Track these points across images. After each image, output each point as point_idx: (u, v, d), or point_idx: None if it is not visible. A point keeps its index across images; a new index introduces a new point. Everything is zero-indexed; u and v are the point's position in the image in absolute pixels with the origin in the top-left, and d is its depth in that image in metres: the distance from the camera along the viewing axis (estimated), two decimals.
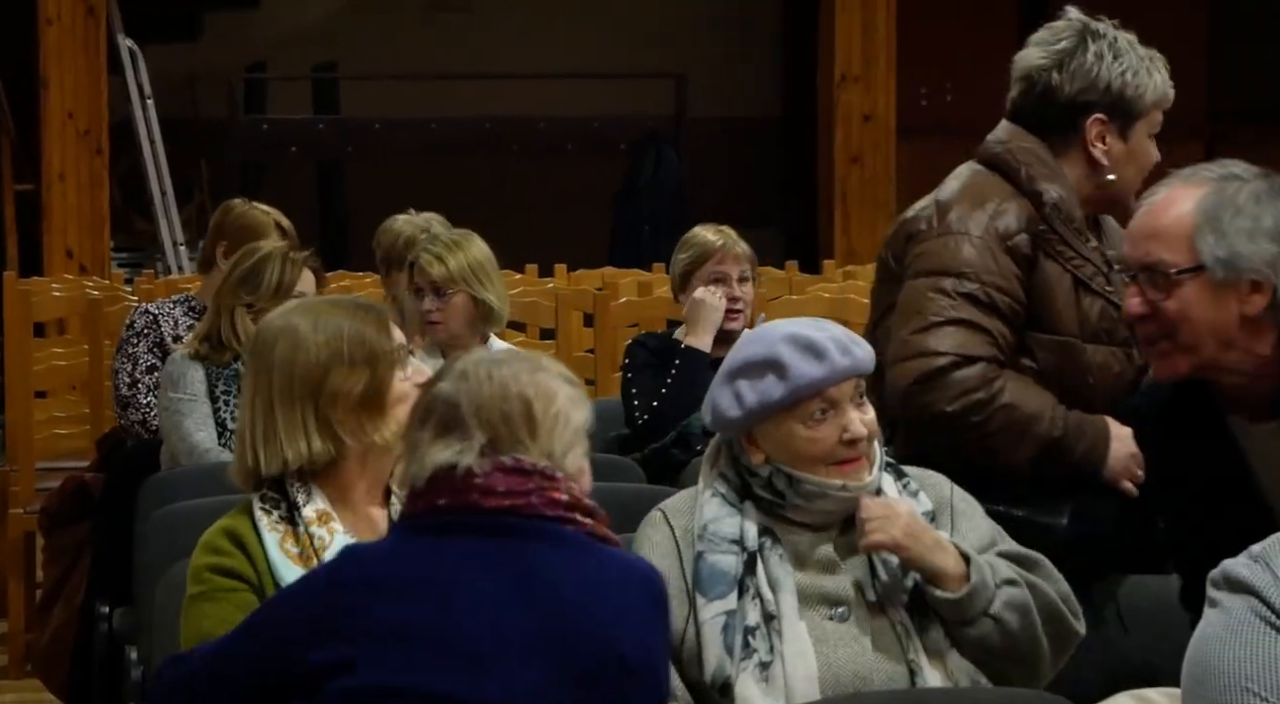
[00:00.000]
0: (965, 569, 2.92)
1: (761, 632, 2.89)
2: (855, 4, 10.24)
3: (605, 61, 13.26)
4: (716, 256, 5.30)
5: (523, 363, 2.61)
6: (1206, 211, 2.85)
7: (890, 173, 10.37)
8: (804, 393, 2.94)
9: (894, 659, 2.91)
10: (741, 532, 2.95)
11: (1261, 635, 2.55)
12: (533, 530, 2.52)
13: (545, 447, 2.56)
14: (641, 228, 12.44)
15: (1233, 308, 2.84)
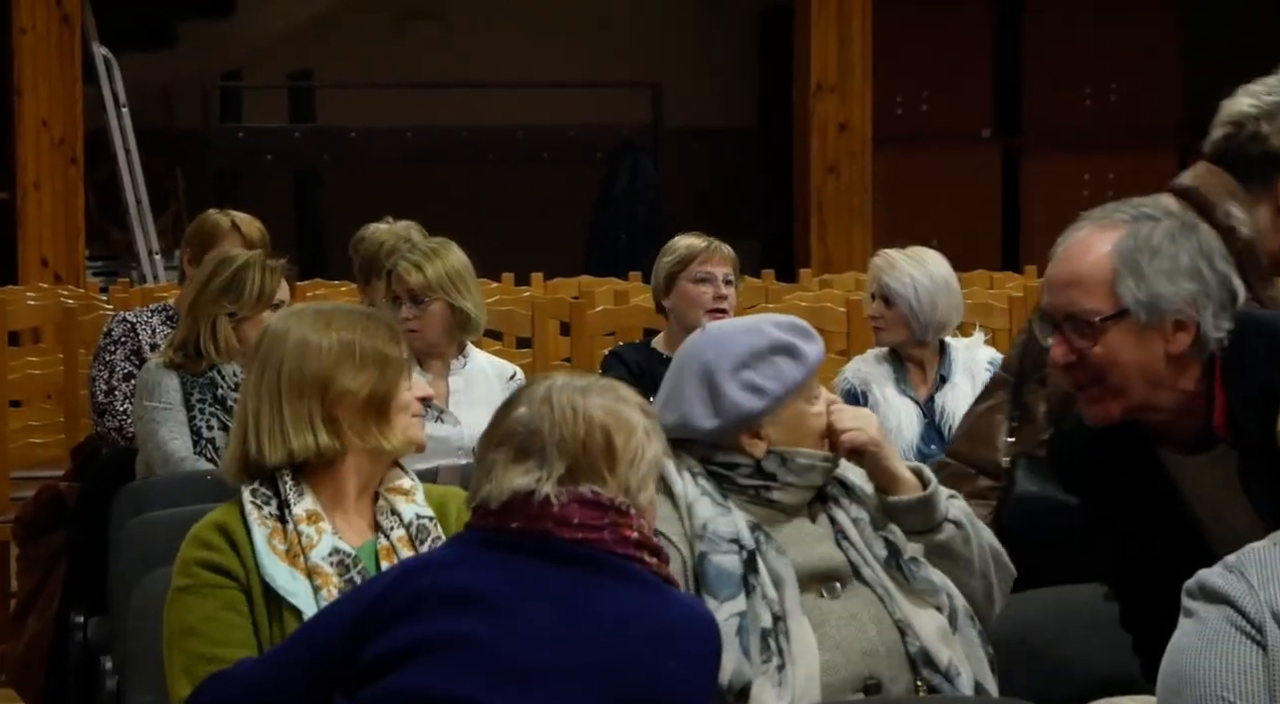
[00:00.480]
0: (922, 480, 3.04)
1: (773, 634, 2.89)
2: (831, 14, 10.26)
3: (581, 70, 13.27)
4: (701, 257, 5.36)
5: (604, 392, 2.61)
6: (1124, 255, 2.84)
7: (866, 182, 10.39)
8: (813, 371, 3.03)
9: (886, 625, 2.96)
10: (737, 529, 2.96)
11: (1237, 645, 2.56)
12: (601, 563, 2.53)
13: (623, 481, 2.57)
14: (618, 236, 12.45)
15: (1159, 348, 2.85)
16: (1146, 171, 12.97)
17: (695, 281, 5.36)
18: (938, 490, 3.04)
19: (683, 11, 13.53)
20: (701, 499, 2.98)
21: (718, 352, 3.02)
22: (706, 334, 3.10)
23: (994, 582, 3.08)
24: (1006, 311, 7.28)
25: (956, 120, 12.73)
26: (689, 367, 3.04)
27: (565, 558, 2.52)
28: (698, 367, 3.03)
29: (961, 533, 3.04)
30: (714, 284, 5.35)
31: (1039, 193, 12.79)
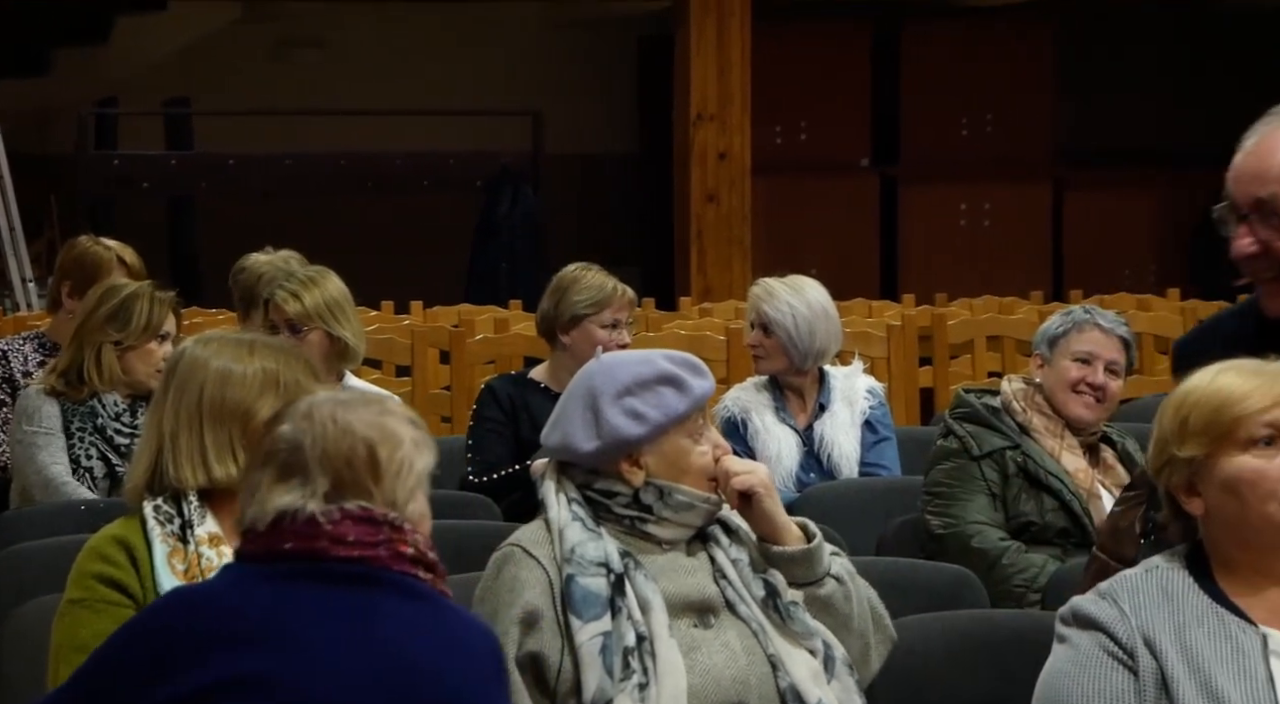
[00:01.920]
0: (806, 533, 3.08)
1: (637, 653, 2.92)
2: (710, 43, 10.31)
3: (461, 98, 13.24)
4: (616, 305, 5.30)
5: (368, 406, 2.57)
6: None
7: (746, 211, 10.43)
8: (697, 406, 3.05)
9: (758, 658, 2.98)
10: (606, 554, 2.98)
11: (1110, 670, 2.60)
12: (379, 580, 2.50)
13: (389, 494, 2.53)
14: (498, 265, 12.42)
15: None
16: (1022, 201, 13.13)
17: (605, 327, 5.31)
18: (822, 545, 3.07)
19: (562, 39, 13.55)
20: (573, 524, 3.01)
21: (605, 377, 3.06)
22: (600, 361, 3.14)
23: (871, 642, 3.10)
24: (884, 340, 7.33)
25: (835, 150, 12.82)
26: (577, 390, 3.09)
27: (342, 578, 2.48)
28: (584, 390, 3.08)
29: (843, 589, 3.07)
30: (620, 330, 5.33)
31: (916, 222, 12.90)
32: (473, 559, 4.11)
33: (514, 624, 2.95)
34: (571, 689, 2.93)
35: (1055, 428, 4.57)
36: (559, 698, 2.94)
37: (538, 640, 2.95)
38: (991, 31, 12.97)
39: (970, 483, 4.49)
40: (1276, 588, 2.63)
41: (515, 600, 2.97)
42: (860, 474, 5.23)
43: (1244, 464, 2.62)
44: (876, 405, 5.36)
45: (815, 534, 3.08)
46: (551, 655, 2.94)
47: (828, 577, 3.06)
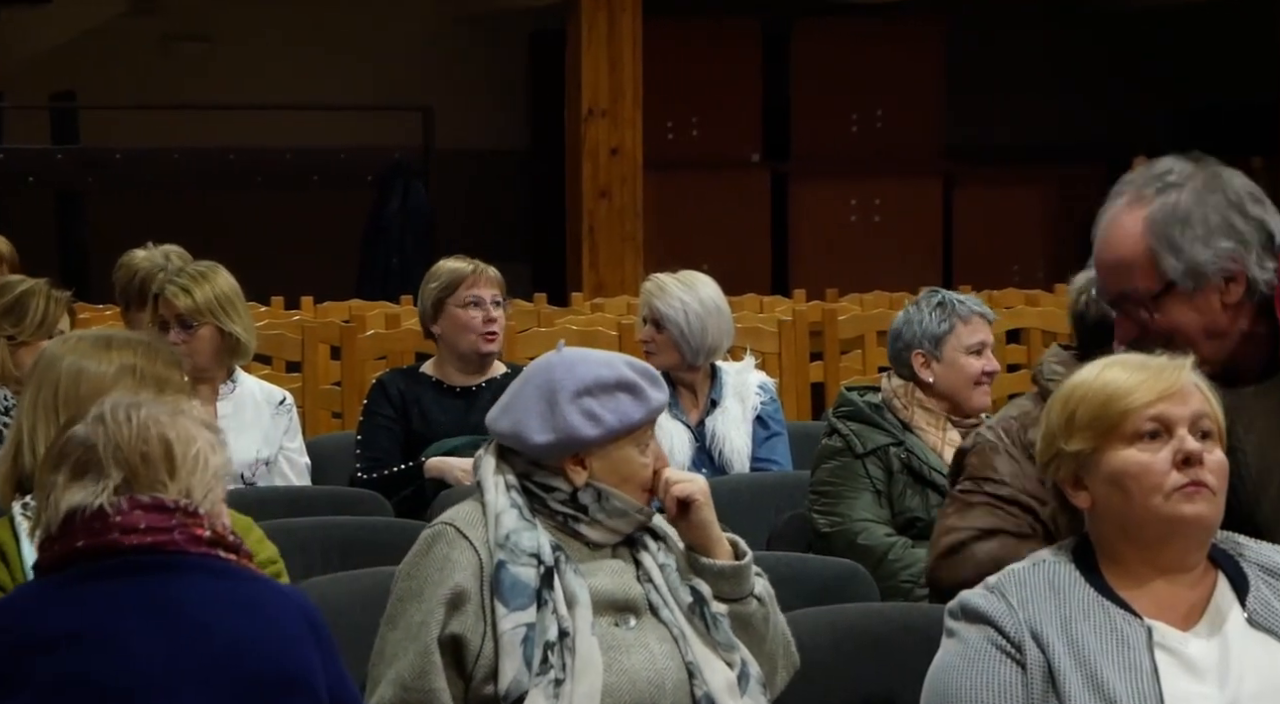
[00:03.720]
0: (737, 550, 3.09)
1: (557, 648, 2.92)
2: (601, 39, 10.30)
3: (351, 93, 13.17)
4: (469, 281, 5.32)
5: (162, 406, 2.59)
6: (1157, 232, 2.88)
7: (638, 206, 10.44)
8: (653, 416, 3.06)
9: (676, 663, 2.99)
10: (539, 546, 2.98)
11: (998, 664, 2.62)
12: (179, 565, 2.50)
13: (184, 486, 2.53)
14: (389, 260, 12.36)
15: (1215, 304, 2.89)
16: (912, 197, 13.21)
17: (464, 306, 5.32)
18: (752, 563, 3.08)
19: (453, 35, 13.49)
20: (510, 511, 3.00)
21: (567, 373, 3.05)
22: (562, 355, 3.11)
23: (779, 666, 3.12)
24: (776, 335, 7.35)
25: (726, 146, 12.84)
26: (535, 380, 3.07)
27: (141, 568, 2.48)
28: (543, 381, 3.06)
29: (763, 610, 3.08)
30: (483, 307, 5.32)
31: (807, 218, 12.95)
32: (363, 556, 4.10)
33: (440, 604, 2.94)
34: (489, 675, 2.93)
35: (937, 422, 4.60)
36: (475, 682, 2.94)
37: (461, 623, 2.95)
38: (882, 29, 13.04)
39: (855, 481, 4.51)
40: (1161, 581, 2.66)
41: (444, 580, 2.96)
42: (751, 469, 5.25)
43: (1129, 458, 2.64)
44: (768, 401, 5.37)
45: (746, 552, 3.09)
46: (473, 639, 2.94)
47: (752, 595, 3.07)
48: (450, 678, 2.93)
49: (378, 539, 4.26)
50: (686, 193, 12.51)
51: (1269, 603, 2.66)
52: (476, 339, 5.30)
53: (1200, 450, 2.64)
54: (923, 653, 2.74)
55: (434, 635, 2.92)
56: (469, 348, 5.32)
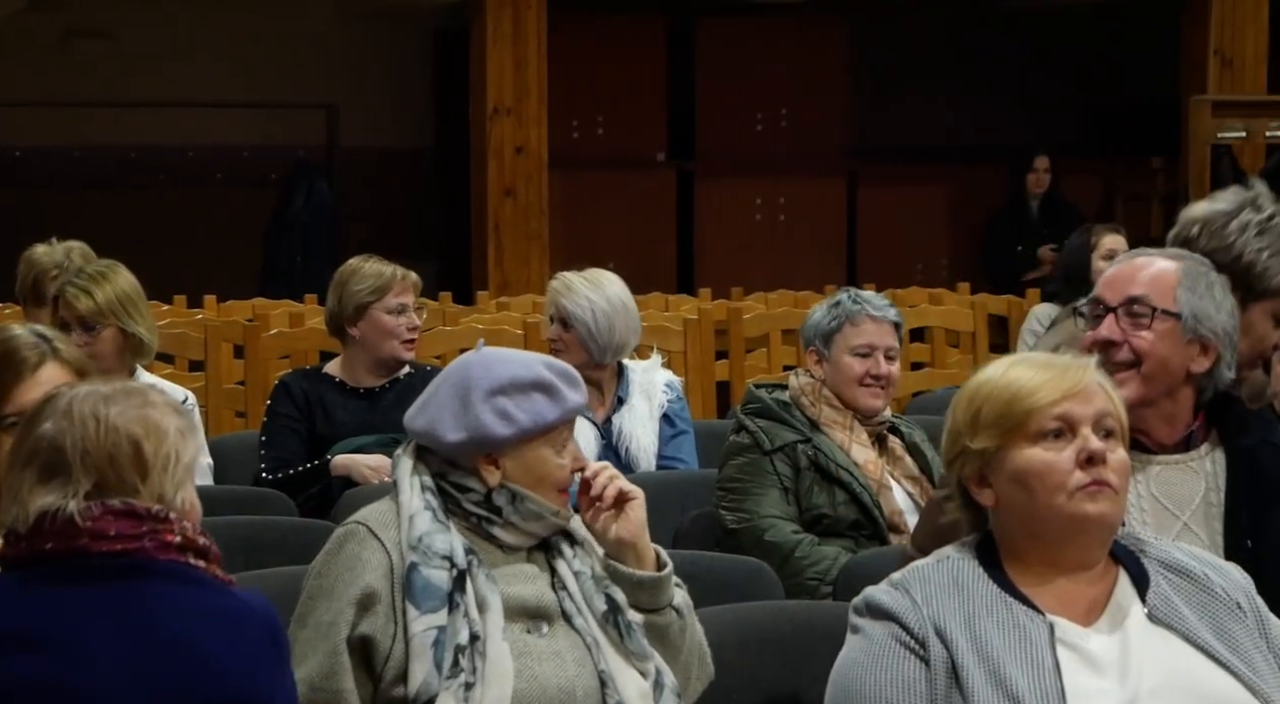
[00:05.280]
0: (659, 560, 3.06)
1: (468, 652, 2.90)
2: (506, 38, 10.28)
3: (255, 91, 13.08)
4: (397, 288, 5.30)
5: (129, 398, 2.54)
6: (1188, 273, 3.21)
7: (543, 205, 10.42)
8: (569, 417, 3.05)
9: (588, 670, 2.98)
10: (452, 548, 2.96)
11: (901, 660, 2.63)
12: (147, 571, 2.47)
13: (156, 488, 2.51)
14: (293, 259, 12.29)
15: (1185, 360, 3.18)
16: (817, 196, 13.24)
17: (390, 312, 5.30)
18: (670, 575, 3.07)
19: (357, 33, 13.42)
20: (423, 513, 2.99)
21: (483, 372, 3.04)
22: (481, 354, 3.11)
23: (693, 676, 3.11)
24: (681, 334, 7.37)
25: (631, 144, 12.84)
26: (451, 378, 3.07)
27: (108, 573, 2.46)
28: (458, 380, 3.05)
29: (680, 622, 3.06)
30: (407, 314, 5.32)
31: (712, 216, 12.97)
32: (268, 555, 4.08)
33: (350, 604, 2.93)
34: (398, 676, 2.91)
35: (844, 420, 4.62)
36: (385, 684, 2.92)
37: (371, 624, 2.93)
38: (786, 28, 13.07)
39: (763, 478, 4.52)
40: (1064, 578, 2.68)
41: (354, 580, 2.94)
42: (657, 467, 5.25)
43: (1033, 456, 2.66)
44: (674, 399, 5.38)
45: (667, 563, 3.07)
46: (383, 640, 2.92)
47: (670, 607, 3.05)
48: (359, 679, 2.92)
49: (282, 539, 4.24)
50: (592, 191, 12.50)
51: (1169, 599, 2.68)
52: (399, 346, 5.30)
53: (1103, 450, 2.67)
54: (828, 650, 2.75)
55: (343, 635, 2.91)
56: (389, 354, 5.31)
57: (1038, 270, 10.36)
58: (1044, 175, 10.84)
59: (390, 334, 5.28)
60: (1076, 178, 11.99)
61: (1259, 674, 2.64)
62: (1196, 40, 10.87)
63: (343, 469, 5.11)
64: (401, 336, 5.29)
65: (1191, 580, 2.72)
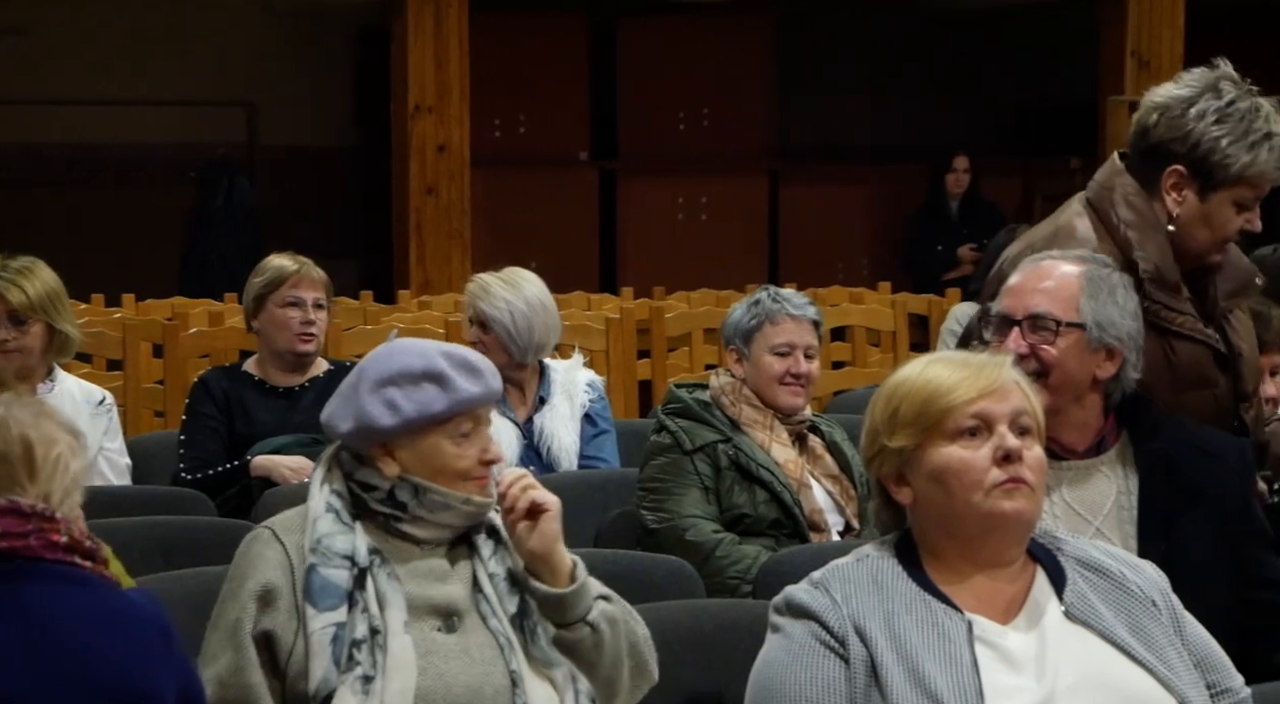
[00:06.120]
0: (572, 573, 3.01)
1: (367, 645, 2.90)
2: (428, 36, 10.25)
3: (174, 88, 12.99)
4: (292, 280, 5.31)
5: (25, 407, 2.57)
6: (1090, 280, 3.25)
7: (465, 204, 10.40)
8: (461, 408, 3.00)
9: (499, 670, 2.96)
10: (354, 548, 2.97)
11: (821, 658, 2.64)
12: (34, 571, 2.47)
13: (44, 489, 2.52)
14: (212, 257, 12.22)
15: (1091, 368, 3.24)
16: (739, 195, 13.27)
17: (283, 305, 5.31)
18: (581, 591, 3.01)
19: (278, 30, 13.36)
20: (325, 516, 3.00)
21: (377, 363, 3.04)
22: (386, 345, 3.12)
23: (622, 686, 3.06)
24: (604, 333, 7.37)
25: (554, 143, 12.83)
26: (355, 371, 3.08)
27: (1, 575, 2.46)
28: (357, 370, 3.07)
29: (594, 637, 3.01)
30: (303, 308, 5.31)
31: (635, 216, 12.97)
32: (187, 556, 4.06)
33: (251, 599, 2.95)
34: (302, 673, 2.92)
35: (764, 420, 4.63)
36: (289, 680, 2.93)
37: (272, 619, 2.94)
38: (708, 27, 13.09)
39: (684, 477, 4.52)
40: (982, 576, 2.70)
41: (254, 575, 2.97)
42: (579, 467, 5.25)
43: (950, 455, 2.68)
44: (596, 398, 5.39)
45: (580, 577, 3.01)
46: (285, 637, 2.93)
47: (583, 622, 3.00)
48: (267, 675, 2.93)
49: (201, 539, 4.22)
50: (514, 190, 12.49)
51: (1085, 597, 2.70)
52: (292, 339, 5.29)
53: (1020, 447, 2.68)
54: (748, 649, 2.76)
55: (247, 630, 2.93)
56: (284, 346, 5.31)
57: (957, 270, 10.41)
58: (964, 175, 10.89)
59: (283, 326, 5.29)
60: (996, 178, 12.05)
61: (1174, 671, 2.67)
62: (1114, 42, 10.94)
63: (262, 470, 5.09)
64: (294, 329, 5.29)
65: (1108, 578, 2.74)
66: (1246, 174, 3.53)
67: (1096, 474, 3.29)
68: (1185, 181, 3.57)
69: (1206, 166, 3.54)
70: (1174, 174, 3.57)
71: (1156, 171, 3.59)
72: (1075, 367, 3.24)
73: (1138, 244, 3.56)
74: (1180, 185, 3.57)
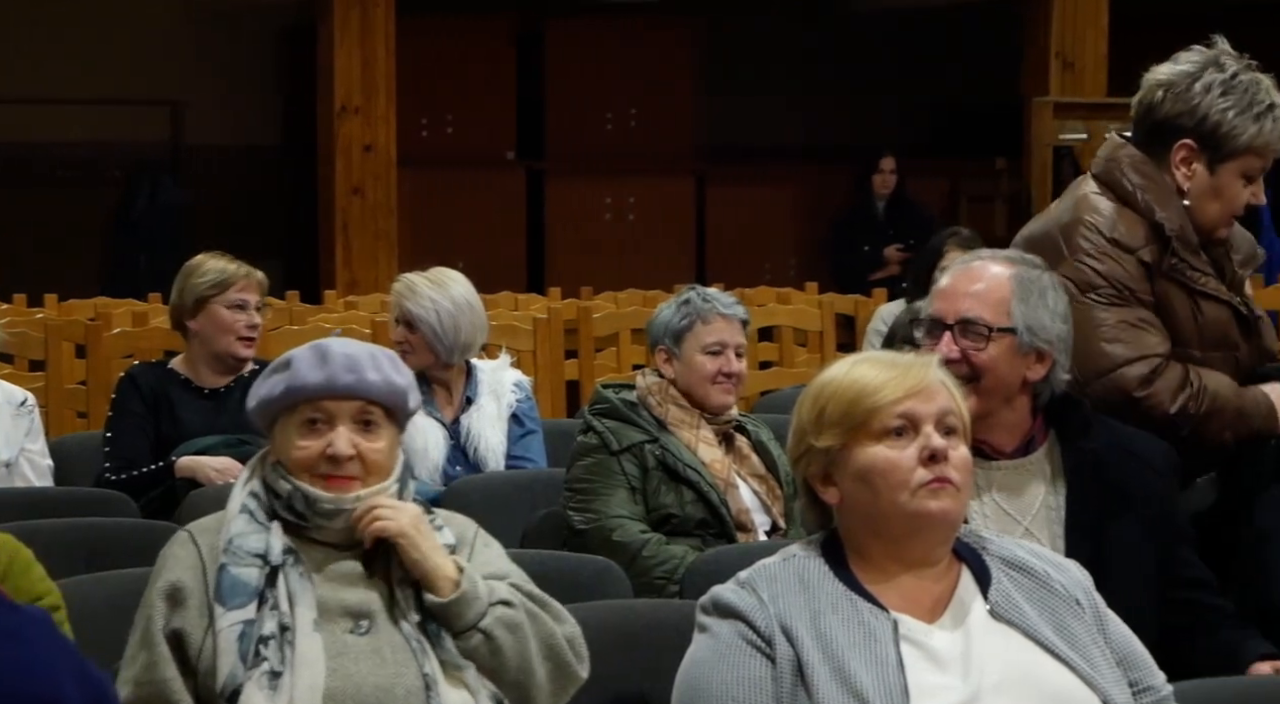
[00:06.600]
0: (459, 582, 2.98)
1: (275, 642, 2.90)
2: (354, 35, 10.22)
3: (99, 88, 12.90)
4: (239, 284, 5.28)
5: None
6: (1020, 283, 3.27)
7: (392, 204, 10.37)
8: (297, 396, 3.00)
9: (411, 671, 2.95)
10: (267, 547, 2.97)
11: (748, 658, 2.64)
12: None
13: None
14: (137, 257, 12.15)
15: (1021, 370, 3.27)
16: (666, 195, 13.28)
17: (230, 307, 5.27)
18: (462, 601, 2.98)
19: (202, 29, 13.29)
20: (239, 517, 3.00)
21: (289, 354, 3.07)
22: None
23: (538, 689, 3.03)
24: (531, 333, 7.36)
25: (481, 143, 12.81)
26: None
27: None
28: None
29: (490, 645, 2.98)
30: (247, 311, 5.29)
31: (562, 216, 12.97)
32: (110, 558, 4.03)
33: (160, 597, 2.96)
34: (210, 670, 2.92)
35: (691, 420, 4.63)
36: (200, 678, 2.93)
37: (182, 618, 2.95)
38: (634, 29, 13.10)
39: (610, 478, 4.52)
40: (908, 575, 2.70)
41: (165, 575, 2.98)
42: (506, 467, 5.25)
43: (877, 454, 2.68)
44: (523, 399, 5.38)
45: (461, 588, 2.97)
46: (194, 635, 2.93)
47: (474, 630, 2.98)
48: (181, 673, 2.93)
49: (124, 541, 4.19)
50: (441, 190, 12.46)
51: (1010, 596, 2.71)
52: (235, 342, 5.27)
53: (945, 447, 2.69)
54: (676, 649, 2.76)
55: (158, 627, 2.94)
56: (225, 349, 5.27)
57: (884, 270, 10.45)
58: (890, 176, 10.93)
59: (227, 329, 5.26)
60: (922, 178, 12.11)
61: (1096, 669, 2.68)
62: (1038, 43, 11.01)
63: (188, 471, 5.06)
64: (239, 333, 5.26)
65: (1032, 577, 2.75)
66: (1254, 144, 3.63)
67: (1025, 474, 3.31)
68: (1195, 155, 3.65)
69: (1215, 139, 3.62)
70: (1183, 148, 3.65)
71: (1164, 148, 3.67)
72: (1006, 370, 3.27)
73: (1159, 205, 3.64)
74: (1190, 159, 3.66)
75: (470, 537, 3.13)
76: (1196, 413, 3.58)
